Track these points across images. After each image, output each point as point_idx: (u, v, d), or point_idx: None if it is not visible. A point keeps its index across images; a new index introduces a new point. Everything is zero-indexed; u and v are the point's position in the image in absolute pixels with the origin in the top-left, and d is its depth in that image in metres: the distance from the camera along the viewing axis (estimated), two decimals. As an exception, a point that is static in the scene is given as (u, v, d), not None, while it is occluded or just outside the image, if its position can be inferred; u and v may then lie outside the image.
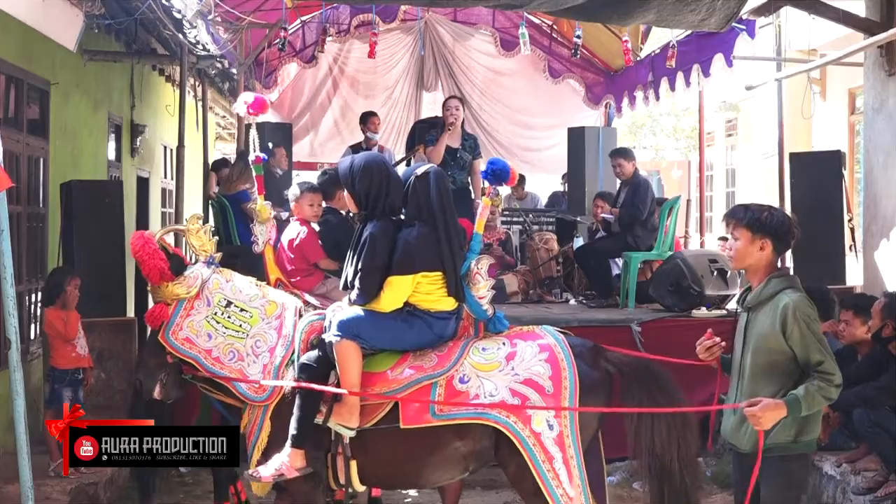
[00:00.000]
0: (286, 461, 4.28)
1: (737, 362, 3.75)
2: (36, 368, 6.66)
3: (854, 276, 7.38)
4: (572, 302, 9.10)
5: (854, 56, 7.24)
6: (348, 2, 10.12)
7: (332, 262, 5.81)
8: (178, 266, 4.59)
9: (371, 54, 10.94)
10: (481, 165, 8.58)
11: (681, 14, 6.23)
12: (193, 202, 10.78)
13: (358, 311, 4.40)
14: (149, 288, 4.69)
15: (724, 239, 15.26)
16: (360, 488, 4.47)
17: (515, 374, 4.17)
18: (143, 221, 10.31)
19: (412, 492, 6.22)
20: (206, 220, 9.11)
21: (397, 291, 4.32)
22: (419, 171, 4.48)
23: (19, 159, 6.50)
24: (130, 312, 7.34)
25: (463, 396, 4.18)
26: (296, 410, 4.30)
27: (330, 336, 4.35)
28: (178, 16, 8.06)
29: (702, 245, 11.43)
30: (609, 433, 4.39)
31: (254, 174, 5.10)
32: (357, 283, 4.38)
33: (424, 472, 4.36)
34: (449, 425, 4.18)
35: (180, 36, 8.17)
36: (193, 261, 4.78)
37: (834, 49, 8.65)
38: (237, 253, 7.25)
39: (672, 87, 9.84)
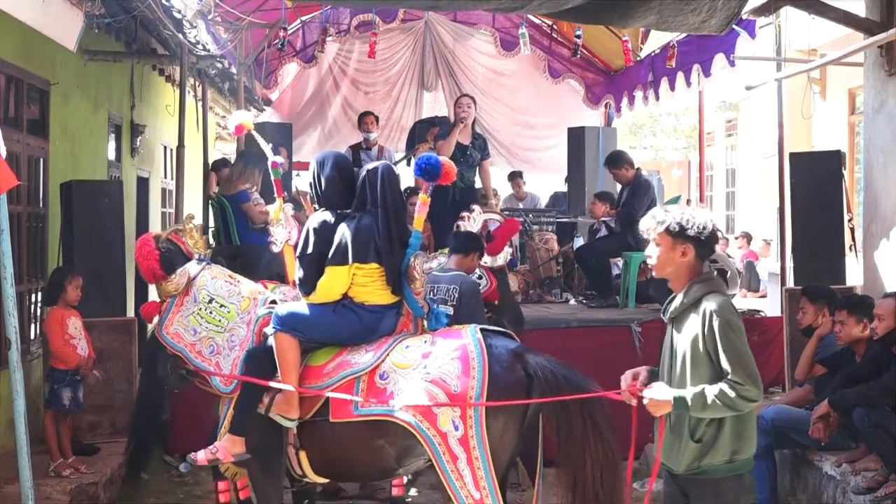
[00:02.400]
0: (224, 445, 4.48)
1: (665, 376, 3.55)
2: (36, 368, 6.66)
3: (854, 277, 7.37)
4: (572, 302, 9.10)
5: (854, 56, 7.23)
6: (349, 4, 10.12)
7: None
8: (168, 266, 4.82)
9: (371, 54, 10.96)
10: (490, 166, 8.63)
11: (682, 14, 6.22)
12: (193, 202, 10.77)
13: (298, 304, 4.56)
14: None
15: (722, 239, 15.31)
16: (316, 479, 4.58)
17: (427, 373, 4.17)
18: (143, 221, 10.30)
19: (412, 491, 6.22)
20: (206, 220, 9.20)
21: (332, 282, 4.42)
22: (370, 165, 4.63)
23: (19, 159, 6.50)
24: (130, 312, 7.34)
25: (381, 393, 4.22)
26: (239, 400, 4.51)
27: (269, 328, 4.52)
28: (178, 16, 8.06)
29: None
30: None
31: (272, 178, 5.17)
32: (296, 272, 4.57)
33: (357, 466, 4.42)
34: (369, 421, 4.23)
35: (180, 36, 8.16)
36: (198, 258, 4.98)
37: (834, 49, 8.64)
38: (237, 253, 7.28)
39: (672, 88, 9.84)
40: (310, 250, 4.48)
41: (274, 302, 4.78)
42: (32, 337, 6.80)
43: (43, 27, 6.60)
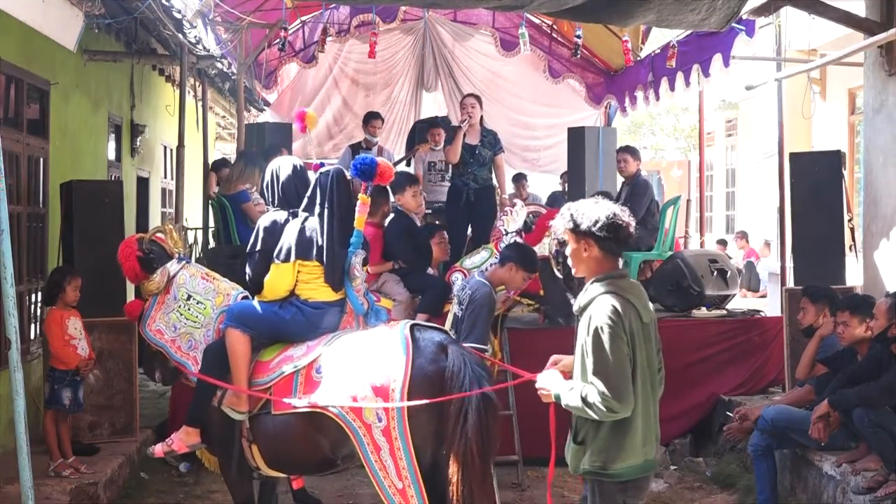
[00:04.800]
0: (179, 436, 4.77)
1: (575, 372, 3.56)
2: (36, 368, 6.66)
3: (854, 277, 7.37)
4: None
5: (854, 56, 7.23)
6: (349, 2, 10.12)
7: (381, 265, 6.68)
8: (149, 266, 5.03)
9: (371, 54, 10.94)
10: (504, 161, 8.73)
11: (681, 13, 6.21)
12: (193, 202, 10.78)
13: (250, 301, 4.81)
14: None
15: (721, 242, 15.32)
16: (269, 472, 4.73)
17: (354, 367, 4.30)
18: (143, 221, 10.30)
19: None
20: (206, 220, 9.19)
21: (277, 278, 4.64)
22: (324, 168, 4.89)
23: (19, 159, 6.50)
24: (130, 312, 7.34)
25: (316, 386, 4.36)
26: (194, 393, 4.77)
27: (223, 324, 4.75)
28: (178, 16, 8.06)
29: (702, 245, 11.43)
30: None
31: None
32: (246, 270, 4.81)
33: (300, 458, 4.57)
34: (305, 413, 4.37)
35: (180, 36, 8.16)
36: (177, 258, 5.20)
37: (834, 49, 8.63)
38: (237, 253, 7.27)
39: (672, 88, 9.84)
40: (258, 248, 4.73)
41: (246, 297, 4.96)
42: (32, 337, 6.81)
43: (43, 27, 6.60)
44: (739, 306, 9.15)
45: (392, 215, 6.92)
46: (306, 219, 4.69)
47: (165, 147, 11.68)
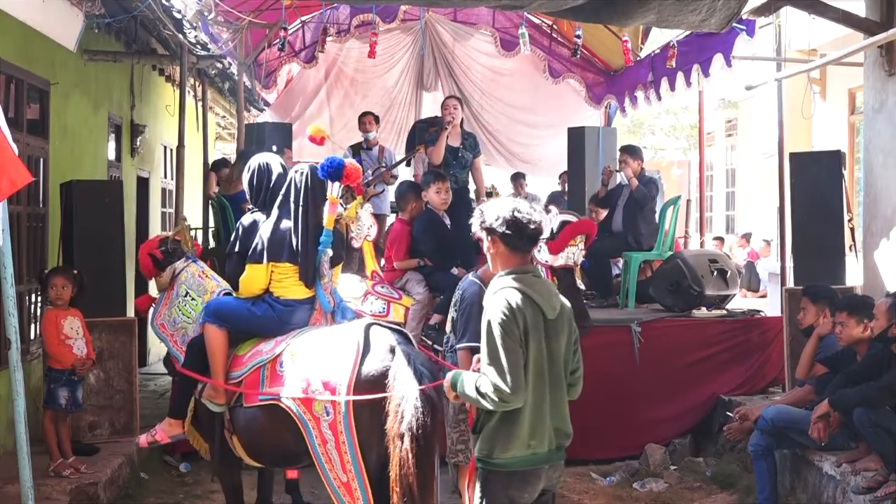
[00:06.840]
0: (163, 428, 4.95)
1: None
2: (36, 368, 6.65)
3: (854, 277, 7.37)
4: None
5: (854, 56, 7.23)
6: (349, 2, 10.12)
7: (407, 262, 6.95)
8: (160, 264, 5.33)
9: (371, 54, 10.95)
10: (482, 163, 8.71)
11: (681, 14, 6.22)
12: (193, 202, 10.78)
13: (228, 297, 4.96)
14: None
15: (718, 239, 15.33)
16: (252, 462, 4.82)
17: (309, 362, 4.38)
18: (143, 221, 10.30)
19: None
20: (206, 220, 9.20)
21: (251, 278, 4.72)
22: (299, 167, 4.87)
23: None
24: (130, 312, 7.33)
25: (279, 379, 4.46)
26: (178, 386, 4.93)
27: (201, 319, 4.89)
28: (178, 16, 8.05)
29: (702, 245, 11.43)
30: (608, 433, 4.32)
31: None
32: (226, 268, 4.94)
33: (270, 450, 4.64)
34: (267, 407, 4.47)
35: (180, 36, 8.16)
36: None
37: (834, 49, 8.63)
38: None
39: (672, 87, 9.85)
40: (237, 248, 4.83)
41: (229, 294, 5.08)
42: (32, 337, 6.80)
43: (43, 27, 6.60)
44: (739, 306, 9.15)
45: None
46: (279, 220, 4.70)
47: (165, 147, 11.67)
